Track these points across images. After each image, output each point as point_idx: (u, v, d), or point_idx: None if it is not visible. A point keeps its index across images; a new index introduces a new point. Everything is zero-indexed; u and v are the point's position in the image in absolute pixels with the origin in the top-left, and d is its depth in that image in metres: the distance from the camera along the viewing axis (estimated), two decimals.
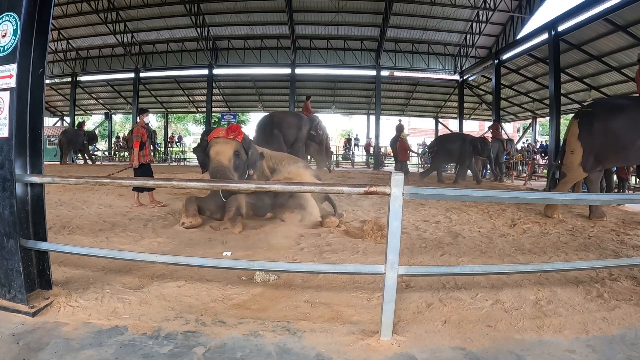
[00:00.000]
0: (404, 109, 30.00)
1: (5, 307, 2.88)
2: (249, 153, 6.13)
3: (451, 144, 15.29)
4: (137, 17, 23.24)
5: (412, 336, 2.70)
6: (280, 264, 3.21)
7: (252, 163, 6.18)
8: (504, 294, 3.43)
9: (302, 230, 5.76)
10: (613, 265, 3.78)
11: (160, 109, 32.28)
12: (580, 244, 5.43)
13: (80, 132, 21.29)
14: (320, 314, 3.04)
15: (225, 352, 2.47)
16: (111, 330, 2.67)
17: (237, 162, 5.92)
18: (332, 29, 23.44)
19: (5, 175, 2.86)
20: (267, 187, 3.19)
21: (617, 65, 16.14)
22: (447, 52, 24.59)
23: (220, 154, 5.83)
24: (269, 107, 30.52)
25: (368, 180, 14.12)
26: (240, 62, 25.26)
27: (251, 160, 6.17)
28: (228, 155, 5.83)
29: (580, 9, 13.86)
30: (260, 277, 3.70)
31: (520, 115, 26.46)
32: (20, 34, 2.86)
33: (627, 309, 3.18)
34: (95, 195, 8.59)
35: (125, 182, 3.02)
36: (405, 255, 4.49)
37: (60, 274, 3.61)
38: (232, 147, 5.90)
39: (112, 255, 3.19)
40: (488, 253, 4.87)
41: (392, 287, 2.57)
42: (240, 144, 6.02)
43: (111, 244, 4.84)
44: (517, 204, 8.53)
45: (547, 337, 2.74)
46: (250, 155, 6.16)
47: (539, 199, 3.41)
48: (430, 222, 6.70)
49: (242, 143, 6.06)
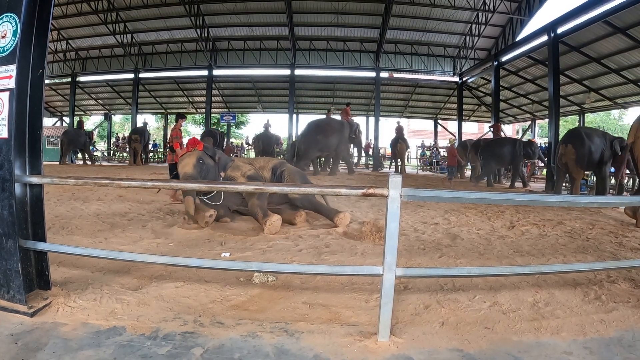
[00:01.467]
0: (403, 110, 30.02)
1: (4, 307, 2.88)
2: (215, 158, 6.44)
3: (503, 148, 15.22)
4: (136, 17, 23.23)
5: (409, 338, 2.71)
6: (279, 265, 3.22)
7: (222, 166, 6.48)
8: (502, 296, 3.44)
9: (301, 231, 5.79)
10: (611, 267, 3.78)
11: (159, 109, 32.28)
12: (579, 246, 5.43)
13: (81, 132, 21.31)
14: (318, 315, 3.04)
15: (223, 353, 2.47)
16: (110, 331, 2.67)
17: (203, 167, 6.15)
18: (332, 30, 23.44)
19: (4, 175, 2.86)
20: (265, 189, 3.19)
21: (617, 67, 16.17)
22: (447, 54, 24.61)
23: (184, 167, 6.07)
24: (268, 108, 30.59)
25: (367, 181, 14.11)
26: (240, 63, 25.26)
27: (221, 163, 6.48)
28: (191, 164, 6.05)
29: (579, 11, 13.88)
30: (258, 278, 3.70)
31: (520, 117, 26.47)
32: (20, 35, 2.86)
33: (625, 311, 3.19)
34: (94, 196, 8.59)
35: (124, 183, 3.02)
36: (403, 256, 4.50)
37: (59, 274, 3.62)
38: (194, 156, 6.16)
39: (111, 256, 3.19)
40: (486, 255, 4.87)
41: (389, 288, 2.58)
42: (202, 152, 6.31)
43: (110, 244, 4.85)
44: (515, 206, 8.53)
45: (544, 339, 2.74)
46: (218, 159, 6.47)
47: (537, 202, 3.42)
48: (429, 224, 6.71)
49: (203, 151, 6.37)
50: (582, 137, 11.13)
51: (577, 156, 11.00)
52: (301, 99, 29.01)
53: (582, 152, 10.97)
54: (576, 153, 11.00)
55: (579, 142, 11.04)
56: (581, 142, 11.02)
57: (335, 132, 15.80)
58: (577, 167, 11.17)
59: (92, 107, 31.75)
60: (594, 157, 11.04)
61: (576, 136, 11.37)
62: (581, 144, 10.99)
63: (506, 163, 15.59)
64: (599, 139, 11.22)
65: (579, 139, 11.14)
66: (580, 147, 10.98)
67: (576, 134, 11.49)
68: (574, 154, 11.05)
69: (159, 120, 38.32)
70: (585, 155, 10.98)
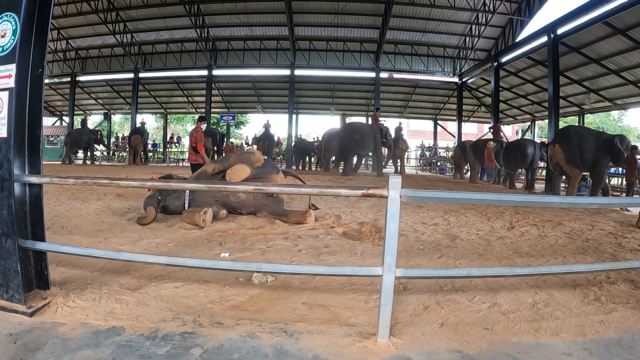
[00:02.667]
0: (402, 110, 30.08)
1: (2, 307, 2.87)
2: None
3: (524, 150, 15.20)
4: (136, 17, 23.28)
5: (409, 338, 2.71)
6: (278, 266, 3.22)
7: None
8: (502, 297, 3.44)
9: (300, 231, 5.79)
10: (611, 268, 3.78)
11: (159, 109, 32.33)
12: (578, 247, 5.43)
13: (84, 131, 21.44)
14: (318, 316, 3.04)
15: (222, 353, 2.46)
16: (109, 331, 2.67)
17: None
18: (332, 31, 23.49)
19: (3, 175, 2.85)
20: (264, 189, 3.19)
21: (616, 68, 16.21)
22: (447, 55, 24.67)
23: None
24: (268, 109, 30.61)
25: (366, 182, 14.12)
26: (240, 63, 25.32)
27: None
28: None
29: (579, 12, 13.93)
30: (257, 278, 3.70)
31: (519, 118, 26.53)
32: (19, 34, 2.85)
33: (624, 312, 3.18)
34: (94, 196, 8.59)
35: (123, 183, 3.01)
36: (403, 257, 4.50)
37: (58, 274, 3.61)
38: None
39: (110, 256, 3.19)
40: (486, 256, 4.87)
41: (389, 289, 2.58)
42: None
43: (109, 244, 4.84)
44: (515, 207, 8.53)
45: (544, 340, 2.74)
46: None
47: (536, 202, 3.42)
48: (429, 225, 6.70)
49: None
50: (569, 136, 11.12)
51: (566, 155, 10.96)
52: (301, 99, 29.04)
53: (570, 151, 10.93)
54: (564, 152, 10.98)
55: (567, 142, 11.03)
56: (568, 141, 11.00)
57: (370, 135, 16.69)
58: (569, 166, 11.10)
59: (92, 106, 31.81)
60: (586, 157, 10.96)
61: (564, 135, 11.38)
62: (568, 143, 10.97)
63: (526, 165, 15.55)
64: (592, 137, 11.14)
65: (566, 138, 11.14)
66: (568, 147, 10.96)
67: (564, 134, 11.50)
68: (562, 153, 11.04)
69: (159, 120, 38.34)
70: (575, 154, 10.91)
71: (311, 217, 6.42)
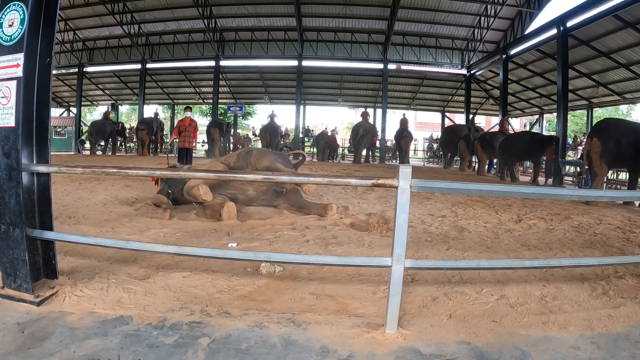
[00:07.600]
0: (410, 102, 29.90)
1: (10, 296, 2.89)
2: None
3: (522, 142, 15.05)
4: (144, 8, 23.18)
5: (417, 330, 2.70)
6: (286, 256, 3.21)
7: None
8: (509, 290, 3.42)
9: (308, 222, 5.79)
10: (619, 262, 3.76)
11: (166, 100, 32.32)
12: (586, 241, 5.40)
13: (107, 122, 22.05)
14: (326, 306, 3.04)
15: (230, 343, 2.47)
16: (116, 320, 2.68)
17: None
18: (340, 22, 23.32)
19: (11, 164, 2.86)
20: (274, 179, 3.18)
21: (626, 62, 16.01)
22: (455, 46, 24.45)
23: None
24: (275, 99, 30.56)
25: (374, 173, 14.11)
26: (247, 54, 25.21)
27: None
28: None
29: (589, 5, 13.76)
30: (265, 268, 3.70)
31: (527, 111, 26.31)
32: (27, 24, 2.84)
33: (632, 307, 3.16)
34: (102, 186, 8.62)
35: (132, 172, 3.01)
36: (410, 249, 4.48)
37: (66, 263, 3.63)
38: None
39: (118, 245, 3.20)
40: (493, 248, 4.85)
41: (398, 280, 2.57)
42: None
43: (117, 234, 4.86)
44: (522, 200, 8.49)
45: (552, 333, 2.73)
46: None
47: (546, 195, 3.39)
48: (436, 216, 6.68)
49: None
50: (609, 130, 9.91)
51: (603, 150, 9.63)
52: (308, 90, 28.92)
53: (607, 147, 9.63)
54: (602, 146, 9.65)
55: (606, 135, 9.78)
56: (608, 135, 9.75)
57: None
58: (600, 162, 9.78)
59: (99, 97, 31.84)
60: (626, 151, 9.58)
61: (602, 129, 10.20)
62: (608, 137, 9.70)
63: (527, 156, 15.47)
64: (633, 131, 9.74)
65: (605, 132, 9.92)
66: (607, 141, 9.66)
67: (602, 126, 10.39)
68: (599, 147, 9.68)
69: (166, 111, 38.36)
70: (612, 149, 9.61)
71: (332, 210, 6.27)
